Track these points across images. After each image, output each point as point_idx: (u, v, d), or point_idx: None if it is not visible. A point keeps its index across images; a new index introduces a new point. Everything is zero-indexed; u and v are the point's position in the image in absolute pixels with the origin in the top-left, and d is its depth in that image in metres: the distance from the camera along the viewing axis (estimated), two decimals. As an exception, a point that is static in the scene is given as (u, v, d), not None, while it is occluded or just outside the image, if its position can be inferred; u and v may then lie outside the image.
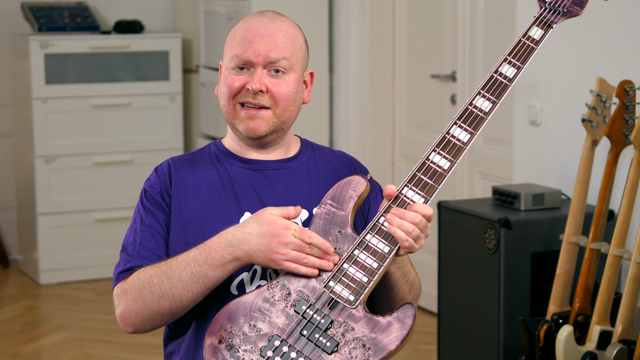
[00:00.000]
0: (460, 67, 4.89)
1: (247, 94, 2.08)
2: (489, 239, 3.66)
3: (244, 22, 2.11)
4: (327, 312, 1.92)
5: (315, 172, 2.16)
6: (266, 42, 2.07)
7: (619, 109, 3.39)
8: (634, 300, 3.22)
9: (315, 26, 5.50)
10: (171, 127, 6.04)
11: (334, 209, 2.00)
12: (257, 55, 2.06)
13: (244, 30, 2.08)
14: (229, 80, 2.09)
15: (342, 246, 1.97)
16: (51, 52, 5.72)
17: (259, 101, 2.08)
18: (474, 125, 2.01)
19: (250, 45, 2.06)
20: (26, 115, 5.80)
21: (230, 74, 2.09)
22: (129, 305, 2.02)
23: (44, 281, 5.80)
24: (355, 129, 5.55)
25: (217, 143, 2.19)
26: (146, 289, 2.00)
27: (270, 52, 2.07)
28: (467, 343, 3.83)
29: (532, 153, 4.16)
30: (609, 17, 3.78)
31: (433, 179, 1.97)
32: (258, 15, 2.11)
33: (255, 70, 2.07)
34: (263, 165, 2.14)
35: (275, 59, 2.07)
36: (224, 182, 2.12)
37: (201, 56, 6.04)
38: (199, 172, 2.13)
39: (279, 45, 2.07)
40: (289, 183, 2.13)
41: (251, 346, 1.90)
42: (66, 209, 5.83)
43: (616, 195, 3.63)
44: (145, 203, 2.12)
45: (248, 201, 2.10)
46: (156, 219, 2.10)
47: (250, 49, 2.06)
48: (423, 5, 5.18)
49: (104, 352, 4.75)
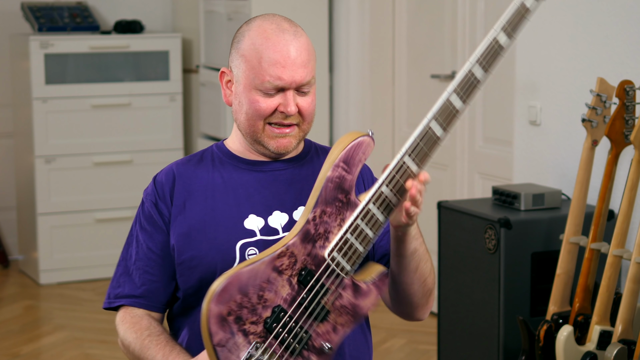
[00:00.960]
0: (460, 67, 4.89)
1: (279, 115, 2.07)
2: (489, 239, 3.66)
3: (266, 38, 2.07)
4: (325, 282, 1.95)
5: (319, 170, 2.16)
6: (297, 65, 2.05)
7: (619, 109, 3.39)
8: (634, 300, 3.22)
9: (315, 26, 5.50)
10: (171, 127, 6.04)
11: (344, 172, 1.99)
12: (291, 82, 2.05)
13: (272, 52, 2.05)
14: (260, 104, 2.07)
15: (345, 212, 1.98)
16: (51, 52, 5.72)
17: (291, 121, 2.08)
18: (469, 93, 1.96)
19: (284, 70, 2.04)
20: (26, 115, 5.80)
21: (258, 96, 2.07)
22: (121, 343, 2.21)
23: (44, 281, 5.80)
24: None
25: (219, 145, 2.19)
26: (127, 350, 2.17)
27: (304, 78, 2.06)
28: (467, 343, 3.83)
29: (532, 153, 4.16)
30: (609, 17, 3.78)
31: (428, 148, 1.95)
32: (278, 31, 2.07)
33: (288, 93, 2.07)
34: (267, 167, 2.14)
35: (306, 82, 2.08)
36: (227, 186, 2.12)
37: (201, 56, 6.04)
38: (202, 176, 2.13)
39: (307, 65, 2.07)
40: (293, 182, 2.14)
41: (256, 318, 1.92)
42: (66, 209, 5.83)
43: (616, 195, 3.63)
44: (142, 219, 2.15)
45: (252, 203, 2.10)
46: (151, 237, 2.13)
47: (285, 76, 2.05)
48: (423, 5, 5.18)
49: (104, 352, 4.75)
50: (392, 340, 4.80)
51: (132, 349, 2.13)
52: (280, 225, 2.10)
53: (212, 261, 2.07)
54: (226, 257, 2.07)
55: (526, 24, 1.99)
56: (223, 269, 2.05)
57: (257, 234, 2.08)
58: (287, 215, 2.11)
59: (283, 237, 2.05)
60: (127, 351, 2.15)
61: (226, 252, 2.07)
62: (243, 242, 2.08)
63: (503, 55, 1.95)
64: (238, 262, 2.06)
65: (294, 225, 2.07)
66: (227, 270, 1.95)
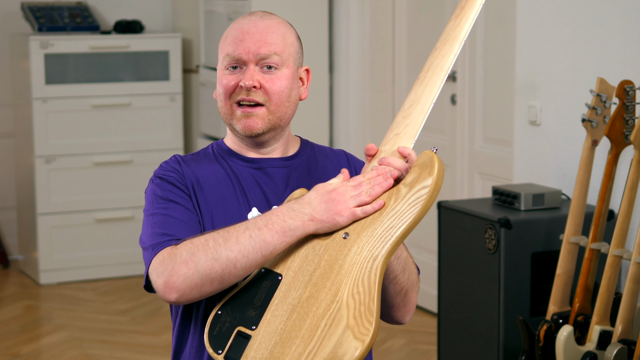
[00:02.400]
0: (460, 67, 4.89)
1: (241, 91, 2.09)
2: (489, 239, 3.66)
3: (235, 23, 2.13)
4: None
5: (315, 170, 2.17)
6: (256, 39, 2.08)
7: (619, 109, 3.39)
8: (634, 300, 3.22)
9: (315, 26, 5.50)
10: (171, 127, 6.04)
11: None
12: (247, 52, 2.08)
13: (234, 30, 2.10)
14: (223, 80, 2.11)
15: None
16: (51, 52, 5.72)
17: (253, 97, 2.08)
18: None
19: (241, 43, 2.08)
20: (26, 115, 5.80)
21: (224, 74, 2.11)
22: (178, 268, 1.93)
23: (44, 281, 5.80)
24: (355, 129, 5.55)
25: (219, 143, 2.20)
26: (200, 251, 1.93)
27: (261, 48, 2.08)
28: (467, 343, 3.83)
29: (532, 153, 4.16)
30: (609, 17, 3.78)
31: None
32: (247, 16, 2.13)
33: (247, 67, 2.09)
34: (264, 164, 2.14)
35: (266, 55, 2.08)
36: (231, 177, 2.12)
37: (201, 56, 6.04)
38: (206, 168, 2.14)
39: (269, 41, 2.09)
40: (290, 180, 2.14)
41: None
42: (66, 209, 5.83)
43: (616, 195, 3.63)
44: (163, 189, 2.07)
45: (254, 197, 2.11)
46: (182, 198, 2.07)
47: (240, 47, 2.08)
48: (423, 5, 5.18)
49: (104, 352, 4.75)
50: (392, 340, 4.80)
51: (212, 238, 1.94)
52: None
53: None
54: None
55: (526, 24, 1.99)
56: None
57: None
58: None
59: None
60: (202, 249, 1.94)
61: None
62: None
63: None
64: None
65: None
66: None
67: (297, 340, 1.84)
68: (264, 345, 1.86)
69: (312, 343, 1.83)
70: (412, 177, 1.91)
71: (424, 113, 2.01)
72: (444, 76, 2.02)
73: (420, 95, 2.02)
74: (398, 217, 1.89)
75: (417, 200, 1.89)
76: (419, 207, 1.88)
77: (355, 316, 1.82)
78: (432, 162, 1.90)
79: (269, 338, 1.86)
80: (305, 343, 1.83)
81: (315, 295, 1.87)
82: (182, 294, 1.93)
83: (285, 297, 1.89)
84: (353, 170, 2.20)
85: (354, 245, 1.90)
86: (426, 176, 1.89)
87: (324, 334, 1.83)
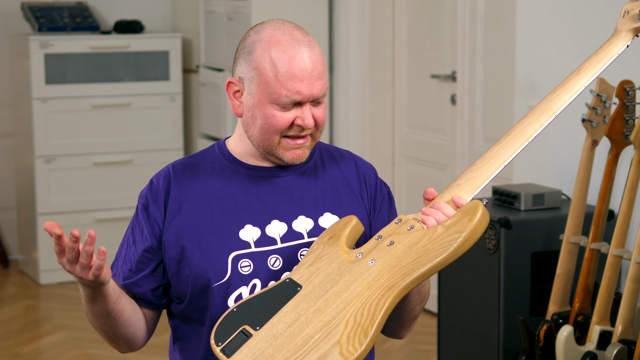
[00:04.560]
0: (460, 67, 4.89)
1: (296, 129, 2.03)
2: (489, 239, 3.66)
3: (282, 51, 2.00)
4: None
5: (322, 179, 2.13)
6: (315, 79, 2.00)
7: (619, 109, 3.39)
8: (634, 300, 3.22)
9: (315, 26, 5.50)
10: (171, 127, 6.04)
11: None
12: (310, 96, 2.00)
13: (289, 66, 1.99)
14: (277, 119, 2.01)
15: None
16: (51, 52, 5.72)
17: (306, 132, 2.04)
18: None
19: (302, 85, 1.99)
20: (26, 115, 5.80)
21: (274, 110, 2.01)
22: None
23: (44, 281, 5.80)
24: (355, 129, 5.55)
25: (221, 145, 2.13)
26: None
27: (322, 90, 2.02)
28: (467, 343, 3.83)
29: (532, 153, 4.16)
30: (609, 17, 3.78)
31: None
32: (292, 42, 2.00)
33: (305, 107, 2.02)
34: (268, 173, 2.10)
35: (323, 94, 2.04)
36: (225, 193, 2.07)
37: (201, 56, 6.04)
38: (200, 180, 2.08)
39: (324, 78, 2.03)
40: (295, 189, 2.09)
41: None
42: (66, 209, 5.84)
43: (616, 195, 3.63)
44: (135, 222, 2.12)
45: (250, 212, 2.06)
46: (141, 242, 2.09)
47: (303, 90, 1.99)
48: (423, 5, 5.18)
49: (104, 352, 4.76)
50: (392, 340, 4.80)
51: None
52: (279, 235, 2.06)
53: (204, 271, 2.03)
54: (218, 268, 2.03)
55: (526, 24, 1.99)
56: (215, 280, 2.02)
57: (251, 245, 2.04)
58: (285, 225, 2.07)
59: (280, 247, 2.05)
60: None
61: (218, 264, 2.03)
62: (236, 254, 2.03)
63: None
64: (230, 274, 2.03)
65: (292, 235, 2.05)
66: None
67: (289, 346, 1.85)
68: (259, 346, 1.86)
69: (300, 351, 1.83)
70: (452, 220, 1.91)
71: (491, 171, 2.02)
72: (524, 143, 2.05)
73: (494, 154, 2.04)
74: (425, 254, 1.88)
75: (449, 242, 1.88)
76: (449, 249, 1.88)
77: (349, 335, 1.82)
78: (476, 210, 1.89)
79: (266, 340, 1.87)
80: (295, 350, 1.84)
81: (322, 310, 1.88)
82: (118, 350, 2.15)
83: (296, 307, 1.90)
84: (361, 177, 2.16)
85: (376, 271, 1.90)
86: (466, 222, 1.89)
87: (314, 345, 1.83)
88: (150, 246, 2.07)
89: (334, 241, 1.98)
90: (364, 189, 2.15)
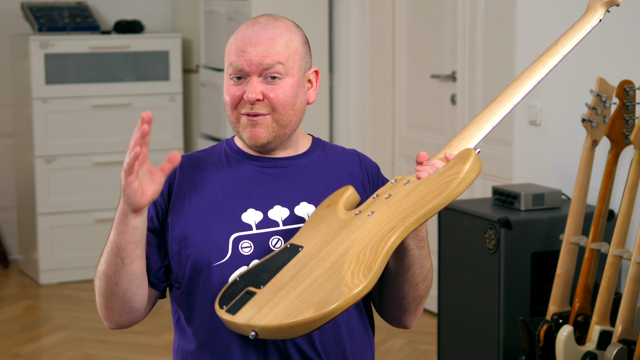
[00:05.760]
0: (460, 67, 4.89)
1: (245, 104, 2.09)
2: (489, 239, 3.66)
3: (238, 31, 2.12)
4: None
5: (325, 169, 2.17)
6: (259, 51, 2.07)
7: (619, 109, 3.39)
8: (634, 300, 3.23)
9: (315, 26, 5.50)
10: (171, 127, 6.04)
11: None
12: (249, 64, 2.07)
13: (238, 39, 2.10)
14: (228, 91, 2.11)
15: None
16: (51, 52, 5.73)
17: (257, 110, 2.08)
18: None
19: (243, 54, 2.07)
20: (26, 115, 5.80)
21: (229, 84, 2.11)
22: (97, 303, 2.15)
23: (44, 281, 5.80)
24: (355, 129, 5.55)
25: (229, 141, 2.21)
26: (95, 275, 2.14)
27: (263, 59, 2.07)
28: (467, 343, 3.83)
29: (532, 153, 4.16)
30: (609, 17, 3.77)
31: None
32: (251, 24, 2.12)
33: (250, 79, 2.08)
34: (270, 162, 2.15)
35: (269, 65, 2.08)
36: (230, 181, 2.13)
37: (201, 56, 6.04)
38: (205, 170, 2.15)
39: (272, 51, 2.08)
40: (297, 178, 2.14)
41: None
42: (66, 209, 5.84)
43: (616, 195, 3.63)
44: None
45: (253, 197, 2.11)
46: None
47: (242, 58, 2.07)
48: (423, 5, 5.18)
49: (104, 352, 4.76)
50: (392, 340, 4.80)
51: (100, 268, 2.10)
52: (281, 219, 2.10)
53: (205, 250, 2.07)
54: (218, 248, 2.07)
55: (526, 24, 2.00)
56: (216, 259, 2.06)
57: (253, 227, 2.09)
58: (287, 210, 2.11)
59: (282, 229, 2.08)
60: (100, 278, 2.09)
61: (219, 244, 2.07)
62: (237, 235, 2.08)
63: None
64: (230, 254, 2.07)
65: (294, 219, 2.09)
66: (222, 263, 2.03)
67: (294, 292, 1.89)
68: (265, 298, 1.90)
69: (306, 292, 1.88)
70: (447, 166, 1.98)
71: (481, 133, 2.10)
72: (509, 107, 2.16)
73: (482, 118, 2.13)
74: (423, 197, 1.94)
75: (446, 184, 1.94)
76: (446, 190, 1.93)
77: (353, 272, 1.87)
78: (469, 155, 1.96)
79: (271, 293, 1.91)
80: (300, 292, 1.88)
81: (324, 258, 1.93)
82: (107, 323, 2.13)
83: (298, 262, 1.95)
84: (364, 171, 2.21)
85: (375, 219, 1.95)
86: (460, 165, 1.95)
87: (318, 286, 1.88)
88: (154, 227, 2.12)
89: (333, 206, 2.04)
90: (367, 180, 2.20)
